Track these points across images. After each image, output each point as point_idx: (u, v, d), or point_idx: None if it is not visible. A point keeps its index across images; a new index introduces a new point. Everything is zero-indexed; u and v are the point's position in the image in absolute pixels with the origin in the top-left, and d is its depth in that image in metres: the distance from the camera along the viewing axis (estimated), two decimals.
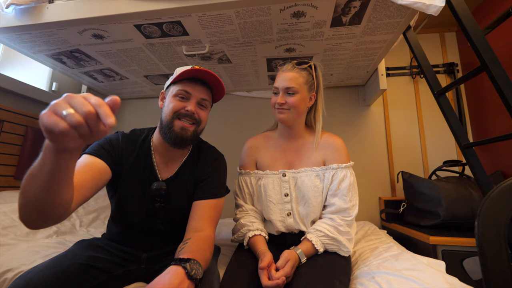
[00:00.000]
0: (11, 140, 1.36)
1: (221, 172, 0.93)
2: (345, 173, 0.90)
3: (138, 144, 0.87)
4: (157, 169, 0.86)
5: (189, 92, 0.83)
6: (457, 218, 1.25)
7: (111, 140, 0.84)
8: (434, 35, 1.93)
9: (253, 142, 1.06)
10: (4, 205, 1.14)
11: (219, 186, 0.89)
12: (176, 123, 0.81)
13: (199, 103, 0.85)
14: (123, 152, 0.84)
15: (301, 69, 0.93)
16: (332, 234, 0.84)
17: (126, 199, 0.84)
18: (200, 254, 0.65)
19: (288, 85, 0.91)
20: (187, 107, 0.82)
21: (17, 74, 1.63)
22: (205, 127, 0.91)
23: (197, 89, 0.84)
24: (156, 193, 0.82)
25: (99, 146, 0.80)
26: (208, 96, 0.88)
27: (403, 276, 0.70)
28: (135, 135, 0.90)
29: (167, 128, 0.81)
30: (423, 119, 1.84)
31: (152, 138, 0.90)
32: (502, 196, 0.64)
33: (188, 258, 0.59)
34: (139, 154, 0.86)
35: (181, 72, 0.82)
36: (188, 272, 0.55)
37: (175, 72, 0.87)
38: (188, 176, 0.88)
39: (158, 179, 0.85)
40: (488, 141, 0.90)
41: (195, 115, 0.83)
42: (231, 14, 1.07)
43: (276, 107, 0.94)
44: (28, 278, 0.60)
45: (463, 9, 0.90)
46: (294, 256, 0.80)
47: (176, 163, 0.89)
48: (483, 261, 0.62)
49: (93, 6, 1.07)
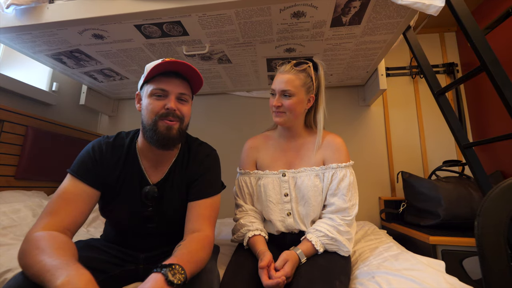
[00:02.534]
0: (11, 140, 1.36)
1: (214, 168, 0.89)
2: (345, 172, 0.90)
3: (124, 151, 0.83)
4: (146, 174, 0.83)
5: (165, 89, 0.77)
6: (457, 218, 1.25)
7: (94, 152, 0.79)
8: (434, 35, 1.94)
9: (253, 142, 1.05)
10: (4, 205, 1.14)
11: (213, 183, 0.87)
12: (160, 124, 0.76)
13: (178, 98, 0.79)
14: (109, 163, 0.80)
15: (299, 70, 0.92)
16: (331, 234, 0.84)
17: (117, 207, 0.81)
18: (190, 256, 0.65)
19: (284, 88, 0.90)
20: (166, 105, 0.76)
21: (17, 74, 1.63)
22: (189, 122, 0.85)
23: (173, 84, 0.78)
24: (148, 197, 0.80)
25: (83, 165, 0.76)
26: (187, 89, 0.81)
27: (403, 276, 0.70)
28: (120, 139, 0.85)
29: (152, 131, 0.76)
30: (423, 119, 1.84)
31: (137, 142, 0.85)
32: (502, 196, 0.65)
33: (170, 263, 0.58)
34: (126, 161, 0.82)
35: (151, 68, 0.75)
36: (167, 279, 0.55)
37: (145, 69, 0.79)
38: (180, 177, 0.85)
39: (149, 183, 0.82)
40: (487, 141, 0.90)
41: (176, 111, 0.77)
42: (231, 14, 1.07)
43: (273, 109, 0.93)
44: (20, 279, 0.59)
45: (463, 9, 0.90)
46: (293, 256, 0.80)
47: (166, 165, 0.85)
48: (483, 261, 0.62)
49: (93, 6, 1.07)
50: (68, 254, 0.57)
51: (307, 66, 0.93)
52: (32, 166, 1.45)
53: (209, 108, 2.09)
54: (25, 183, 1.44)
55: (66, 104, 1.87)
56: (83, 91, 1.92)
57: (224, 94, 2.10)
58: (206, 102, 2.10)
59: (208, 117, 2.08)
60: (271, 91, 0.95)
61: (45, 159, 1.50)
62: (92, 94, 1.97)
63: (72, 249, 0.61)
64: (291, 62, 0.94)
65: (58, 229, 0.65)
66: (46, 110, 1.71)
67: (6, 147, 1.34)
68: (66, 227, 0.68)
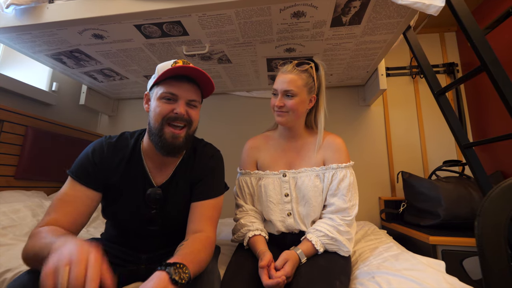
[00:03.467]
0: (11, 140, 1.36)
1: (218, 170, 0.89)
2: (345, 173, 0.90)
3: (128, 151, 0.82)
4: (150, 175, 0.82)
5: (175, 93, 0.76)
6: (457, 218, 1.25)
7: (94, 155, 0.78)
8: (434, 35, 1.94)
9: (253, 143, 1.05)
10: (4, 205, 1.14)
11: (217, 184, 0.86)
12: (167, 131, 0.75)
13: (188, 103, 0.78)
14: (110, 164, 0.79)
15: (301, 70, 0.92)
16: (332, 234, 0.84)
17: (120, 208, 0.81)
18: (192, 256, 0.65)
19: (287, 88, 0.90)
20: (175, 109, 0.75)
21: (17, 74, 1.63)
22: (197, 127, 0.84)
23: (184, 89, 0.77)
24: (151, 199, 0.79)
25: (82, 168, 0.76)
26: (197, 95, 0.81)
27: (403, 276, 0.70)
28: (123, 140, 0.84)
29: (157, 136, 0.76)
30: (423, 119, 1.84)
31: (142, 142, 0.84)
32: (502, 196, 0.65)
33: (175, 262, 0.58)
34: (129, 161, 0.81)
35: (163, 71, 0.74)
36: (172, 277, 0.55)
37: (156, 70, 0.79)
38: (185, 178, 0.84)
39: (153, 185, 0.81)
40: (488, 141, 0.90)
41: (185, 116, 0.77)
42: (231, 14, 1.07)
43: (275, 109, 0.93)
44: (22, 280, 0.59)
45: (463, 9, 0.90)
46: (293, 256, 0.80)
47: (170, 166, 0.85)
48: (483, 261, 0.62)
49: (93, 6, 1.07)
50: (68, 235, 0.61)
51: (309, 67, 0.93)
52: (32, 166, 1.45)
53: (209, 108, 2.09)
54: (25, 183, 1.44)
55: (66, 104, 1.87)
56: (83, 91, 1.92)
57: (224, 94, 2.10)
58: (206, 102, 2.07)
59: (208, 117, 2.07)
60: (273, 91, 0.95)
61: (45, 159, 1.50)
62: (92, 94, 1.97)
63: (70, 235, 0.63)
64: (293, 62, 0.95)
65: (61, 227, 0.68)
66: (46, 110, 1.71)
67: (6, 147, 1.34)
68: (66, 227, 0.69)
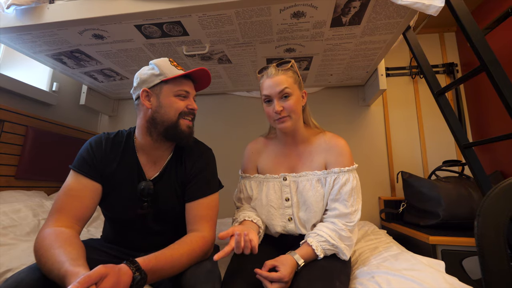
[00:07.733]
0: (11, 140, 1.36)
1: (209, 167, 0.90)
2: (348, 177, 0.86)
3: (122, 146, 0.86)
4: (143, 169, 0.86)
5: (188, 91, 0.87)
6: (457, 218, 1.25)
7: (91, 146, 0.83)
8: (434, 35, 1.94)
9: (254, 146, 1.03)
10: (4, 205, 1.14)
11: (209, 183, 0.87)
12: (182, 123, 0.84)
13: (193, 98, 0.91)
14: (107, 156, 0.83)
15: (285, 69, 0.89)
16: (333, 241, 0.81)
17: (114, 200, 0.83)
18: (169, 259, 0.66)
19: (281, 88, 0.85)
20: (189, 105, 0.86)
21: (17, 74, 1.63)
22: None
23: (191, 86, 0.89)
24: (144, 192, 0.82)
25: (83, 161, 0.80)
26: (195, 91, 0.93)
27: (403, 276, 0.70)
28: (119, 136, 0.89)
29: (172, 128, 0.83)
30: (422, 119, 1.84)
31: (135, 137, 0.89)
32: (502, 196, 0.65)
33: (140, 268, 0.60)
34: (123, 155, 0.85)
35: (182, 72, 0.84)
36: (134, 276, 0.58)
37: (160, 68, 0.84)
38: (175, 175, 0.87)
39: (145, 178, 0.85)
40: (487, 141, 0.90)
41: (195, 111, 0.89)
42: (231, 14, 1.07)
43: (275, 117, 0.88)
44: (19, 278, 0.59)
45: (463, 9, 0.90)
46: (290, 260, 0.77)
47: (161, 162, 0.88)
48: (483, 261, 0.62)
49: (93, 6, 1.07)
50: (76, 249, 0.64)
51: (290, 65, 0.91)
52: (32, 166, 1.45)
53: (209, 108, 2.09)
54: (25, 183, 1.44)
55: (66, 104, 1.87)
56: (83, 91, 1.92)
57: (224, 94, 2.10)
58: (206, 102, 2.10)
59: (208, 117, 2.08)
60: (265, 98, 0.90)
61: (45, 159, 1.51)
62: (92, 94, 1.97)
63: (76, 244, 0.66)
64: (271, 65, 0.91)
65: (66, 225, 0.70)
66: (46, 110, 1.71)
67: (6, 147, 1.34)
68: (74, 221, 0.72)
